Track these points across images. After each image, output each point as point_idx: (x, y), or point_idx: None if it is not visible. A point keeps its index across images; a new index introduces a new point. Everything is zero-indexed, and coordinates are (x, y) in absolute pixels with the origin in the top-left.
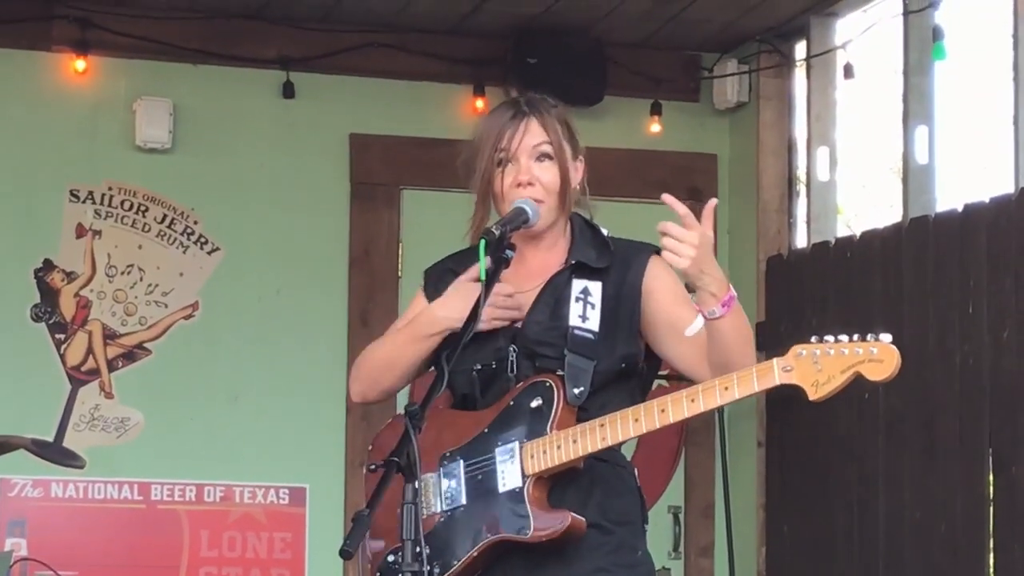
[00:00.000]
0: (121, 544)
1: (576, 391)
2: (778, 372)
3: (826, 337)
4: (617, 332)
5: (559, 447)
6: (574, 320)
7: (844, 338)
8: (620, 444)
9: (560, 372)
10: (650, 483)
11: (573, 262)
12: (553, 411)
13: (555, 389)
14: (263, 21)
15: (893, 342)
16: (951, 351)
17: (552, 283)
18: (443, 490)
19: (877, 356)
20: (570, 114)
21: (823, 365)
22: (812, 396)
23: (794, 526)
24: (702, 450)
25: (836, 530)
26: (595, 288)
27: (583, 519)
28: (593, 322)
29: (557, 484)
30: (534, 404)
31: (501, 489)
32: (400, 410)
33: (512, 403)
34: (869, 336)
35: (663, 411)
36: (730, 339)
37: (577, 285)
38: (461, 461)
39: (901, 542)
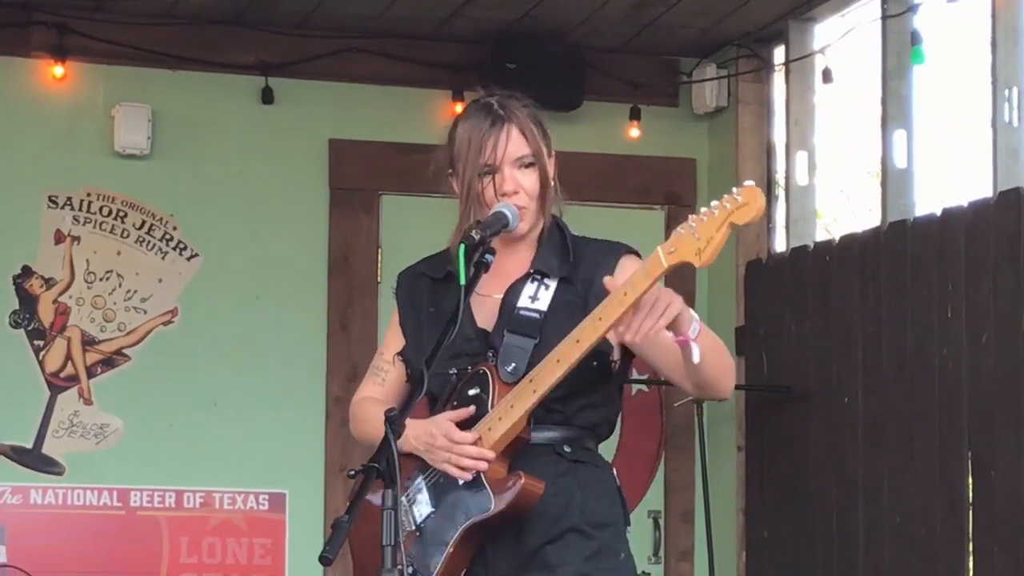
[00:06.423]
0: (100, 551)
1: (508, 368)
2: (664, 256)
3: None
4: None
5: (501, 418)
6: (523, 301)
7: (715, 202)
8: (550, 390)
9: (492, 360)
10: (630, 488)
11: (533, 271)
12: (491, 394)
13: (488, 374)
14: (242, 26)
15: (872, 343)
16: (930, 354)
17: (511, 290)
18: (413, 509)
19: (742, 201)
20: (540, 111)
21: (700, 232)
22: (698, 264)
23: (774, 530)
24: (682, 454)
25: (816, 534)
26: (552, 278)
27: (541, 481)
28: (543, 302)
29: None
30: (472, 392)
31: (460, 481)
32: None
33: (456, 402)
34: (733, 189)
35: (578, 341)
36: (708, 361)
37: (534, 279)
38: (419, 475)
39: (880, 546)
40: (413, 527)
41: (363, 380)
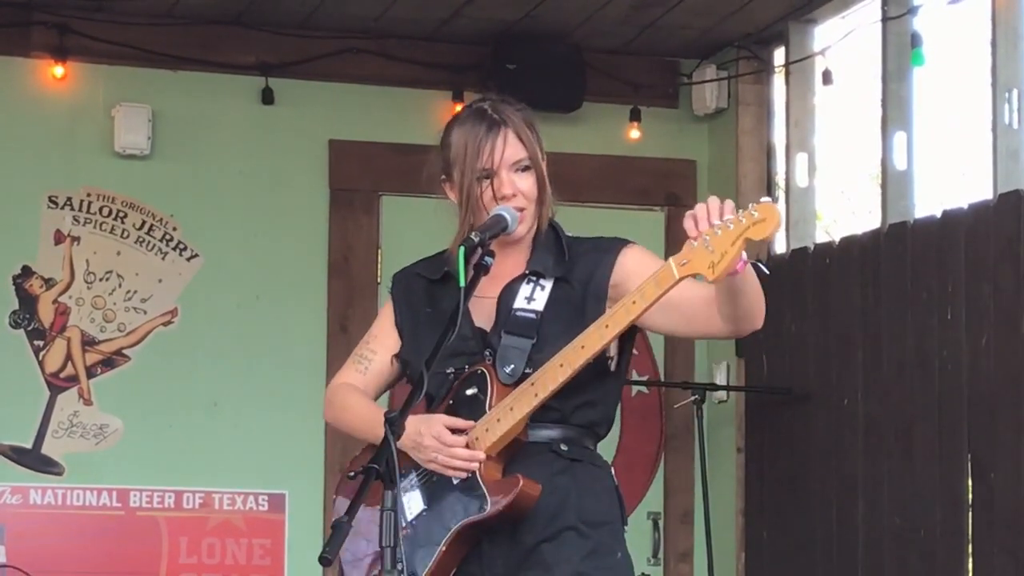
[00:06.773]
0: (100, 551)
1: (507, 369)
2: (676, 268)
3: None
4: (583, 325)
5: (499, 420)
6: (519, 302)
7: (730, 215)
8: (552, 395)
9: (490, 359)
10: (629, 489)
11: (528, 272)
12: (489, 395)
13: (487, 374)
14: (242, 27)
15: (870, 345)
16: (929, 357)
17: (507, 290)
18: (405, 504)
19: (759, 217)
20: (532, 113)
21: (714, 245)
22: (711, 277)
23: (773, 532)
24: (681, 456)
25: (815, 536)
26: (547, 279)
27: (538, 484)
28: (539, 302)
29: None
30: (470, 392)
31: (455, 481)
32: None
33: (452, 401)
34: (750, 205)
35: (583, 347)
36: (750, 291)
37: (530, 280)
38: (412, 472)
39: (880, 548)
40: (404, 524)
41: (345, 364)
